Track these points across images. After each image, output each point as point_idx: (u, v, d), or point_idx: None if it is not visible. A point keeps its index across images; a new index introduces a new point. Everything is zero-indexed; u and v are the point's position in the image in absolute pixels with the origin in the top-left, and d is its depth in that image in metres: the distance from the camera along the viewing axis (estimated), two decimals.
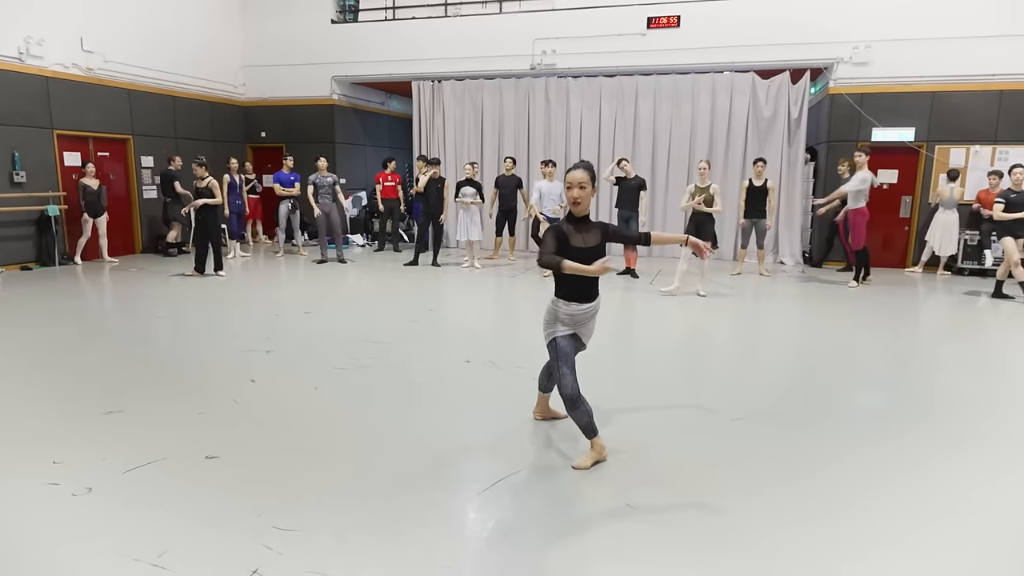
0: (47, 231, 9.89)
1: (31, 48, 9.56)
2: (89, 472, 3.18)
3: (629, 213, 9.61)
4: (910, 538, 2.69)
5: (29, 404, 4.19)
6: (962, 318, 7.37)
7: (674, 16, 11.20)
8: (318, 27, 13.07)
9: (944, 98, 10.24)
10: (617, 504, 2.94)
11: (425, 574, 2.42)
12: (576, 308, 3.27)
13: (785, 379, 5.00)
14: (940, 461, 3.46)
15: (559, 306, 3.30)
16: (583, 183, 3.16)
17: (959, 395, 4.54)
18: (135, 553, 2.51)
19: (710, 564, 2.49)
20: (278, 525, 2.71)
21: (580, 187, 3.17)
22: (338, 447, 3.57)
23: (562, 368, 3.25)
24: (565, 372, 3.24)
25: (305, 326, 6.42)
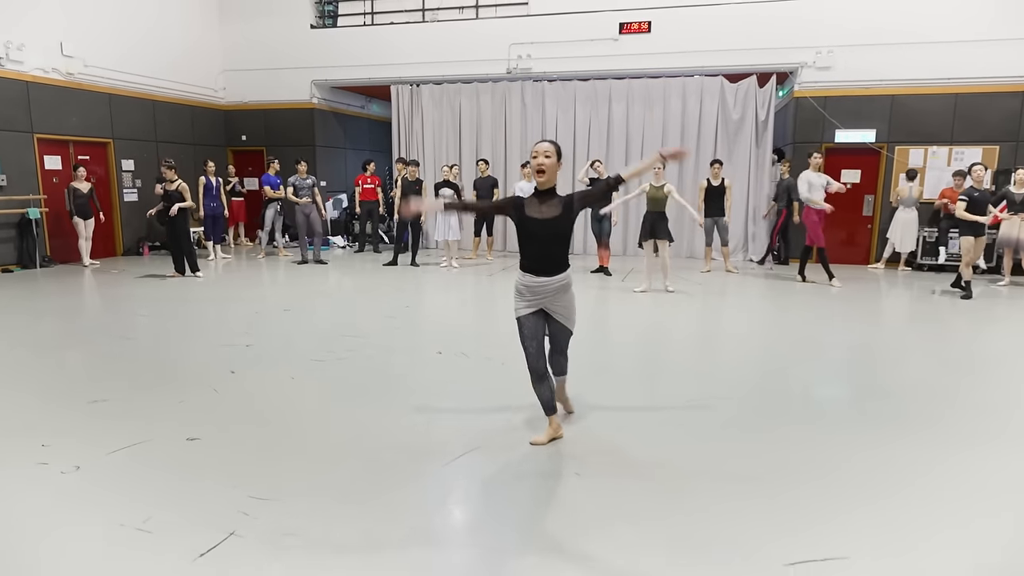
0: (28, 234, 10.00)
1: (11, 53, 9.67)
2: (76, 453, 3.39)
3: (603, 213, 9.90)
4: (842, 518, 2.98)
5: (16, 396, 4.37)
6: (921, 310, 7.74)
7: (645, 22, 11.54)
8: (297, 32, 13.26)
9: (903, 101, 10.67)
10: (566, 473, 3.21)
11: (393, 531, 2.66)
12: (532, 280, 3.33)
13: (744, 369, 5.30)
14: (901, 448, 3.76)
15: (518, 277, 3.40)
16: (548, 153, 3.28)
17: (917, 383, 4.86)
18: (121, 519, 2.73)
19: (653, 525, 2.76)
20: (254, 495, 2.94)
21: (545, 156, 3.27)
22: (312, 429, 3.80)
23: (525, 345, 3.43)
24: (528, 350, 3.42)
25: (284, 322, 6.63)
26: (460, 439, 3.59)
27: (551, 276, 3.33)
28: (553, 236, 3.31)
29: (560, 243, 3.36)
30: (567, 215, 3.29)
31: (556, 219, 3.28)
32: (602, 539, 2.61)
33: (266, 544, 2.57)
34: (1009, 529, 2.75)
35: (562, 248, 3.38)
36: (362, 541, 2.60)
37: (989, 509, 2.88)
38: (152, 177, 11.22)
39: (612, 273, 9.87)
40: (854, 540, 2.61)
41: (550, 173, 3.29)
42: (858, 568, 2.43)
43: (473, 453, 3.43)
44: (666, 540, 2.61)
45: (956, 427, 3.87)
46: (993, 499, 2.97)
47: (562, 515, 2.81)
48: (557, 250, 3.34)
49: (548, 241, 3.32)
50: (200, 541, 2.56)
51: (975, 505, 2.91)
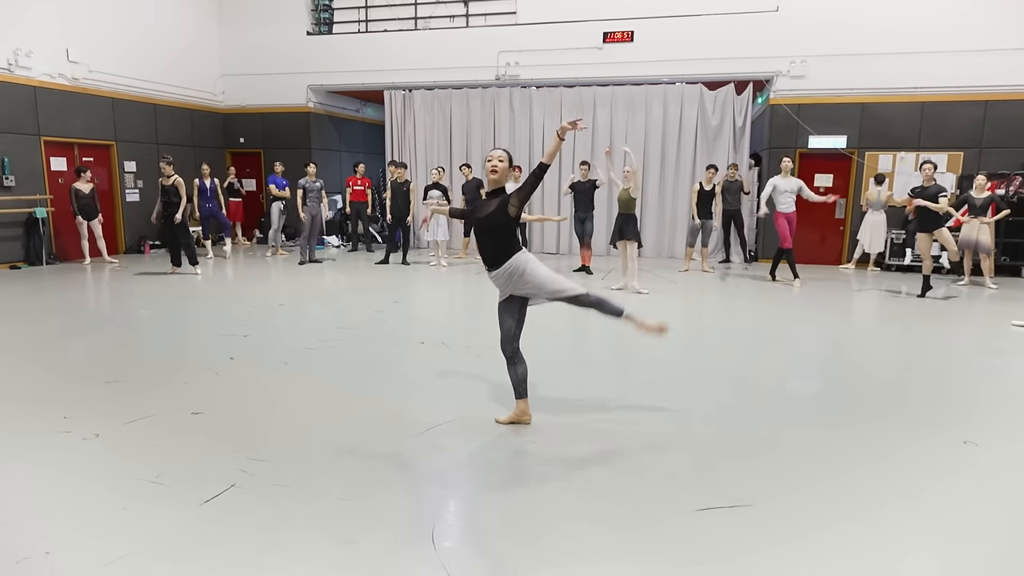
0: (35, 232, 10.45)
1: (20, 59, 10.13)
2: (95, 424, 3.85)
3: (585, 214, 10.35)
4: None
5: (36, 377, 4.84)
6: (889, 308, 8.25)
7: (628, 31, 12.04)
8: (294, 38, 13.74)
9: (872, 109, 11.18)
10: (520, 445, 3.69)
11: (365, 480, 3.14)
12: (488, 273, 3.75)
13: (695, 360, 5.79)
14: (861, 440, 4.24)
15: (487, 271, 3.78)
16: (501, 158, 3.67)
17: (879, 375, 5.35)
18: (138, 475, 3.20)
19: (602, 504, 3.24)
20: (252, 456, 3.42)
21: (499, 160, 3.66)
22: (302, 404, 4.27)
23: (500, 327, 3.83)
24: (501, 334, 3.83)
25: (280, 316, 7.10)
26: (433, 414, 4.06)
27: (496, 268, 3.68)
28: (490, 230, 3.64)
29: (497, 237, 3.65)
30: (501, 210, 3.60)
31: (491, 215, 3.63)
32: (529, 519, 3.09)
33: (261, 494, 3.04)
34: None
35: (502, 241, 3.64)
36: (340, 490, 3.08)
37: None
38: (153, 178, 11.67)
39: (593, 272, 10.34)
40: (759, 489, 3.09)
41: (501, 175, 3.68)
42: (758, 513, 2.91)
43: (442, 426, 3.90)
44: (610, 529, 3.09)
45: (900, 419, 4.35)
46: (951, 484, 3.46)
47: (509, 484, 3.29)
48: (496, 244, 3.65)
49: (487, 236, 3.67)
50: (206, 491, 3.03)
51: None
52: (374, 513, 2.89)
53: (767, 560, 2.54)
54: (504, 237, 3.66)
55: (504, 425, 3.91)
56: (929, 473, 3.34)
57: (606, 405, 4.34)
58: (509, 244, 3.66)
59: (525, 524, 2.81)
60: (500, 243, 3.65)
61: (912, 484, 3.20)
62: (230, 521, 2.80)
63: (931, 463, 3.46)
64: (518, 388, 3.88)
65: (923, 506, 2.99)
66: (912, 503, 3.01)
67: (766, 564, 2.52)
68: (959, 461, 3.48)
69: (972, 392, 4.73)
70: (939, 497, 3.07)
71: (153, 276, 9.65)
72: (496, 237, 3.66)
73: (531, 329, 4.14)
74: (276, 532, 2.71)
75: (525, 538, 2.69)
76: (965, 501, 3.04)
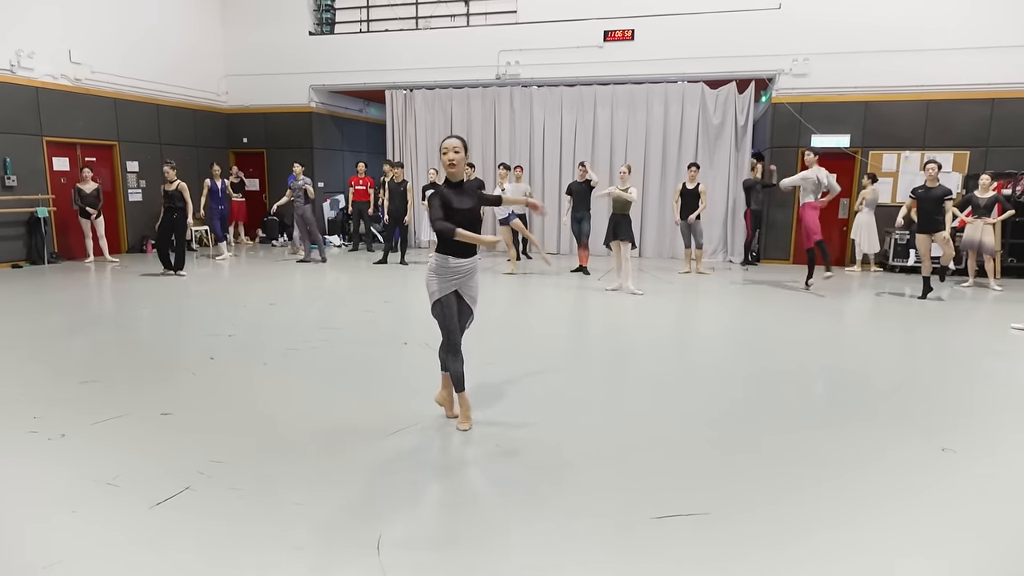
0: (36, 232, 10.56)
1: (22, 60, 10.24)
2: (63, 424, 3.85)
3: (582, 213, 10.27)
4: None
5: (17, 375, 4.86)
6: (888, 310, 8.11)
7: (629, 30, 11.95)
8: (296, 38, 13.78)
9: (876, 107, 11.00)
10: (484, 447, 3.65)
11: (323, 484, 3.10)
12: (455, 262, 3.64)
13: (682, 363, 5.71)
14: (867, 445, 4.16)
15: (448, 262, 3.64)
16: (457, 148, 3.59)
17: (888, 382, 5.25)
18: (95, 476, 3.19)
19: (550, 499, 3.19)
20: (212, 458, 3.40)
21: (455, 151, 3.58)
22: (275, 406, 4.25)
23: (447, 323, 3.75)
24: (450, 327, 3.75)
25: (268, 315, 7.10)
26: (406, 415, 4.02)
27: (468, 258, 3.69)
28: (471, 222, 3.64)
29: (475, 228, 3.67)
30: (478, 205, 3.72)
31: (473, 208, 3.68)
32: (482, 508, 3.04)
33: (214, 497, 3.02)
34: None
35: (475, 232, 3.65)
36: (295, 494, 3.04)
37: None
38: (156, 178, 11.75)
39: (590, 272, 10.27)
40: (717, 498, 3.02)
41: (459, 166, 3.64)
42: (717, 521, 2.84)
43: (412, 427, 3.86)
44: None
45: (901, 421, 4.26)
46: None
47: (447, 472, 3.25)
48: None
49: (468, 227, 3.60)
50: (159, 493, 3.01)
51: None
52: (326, 518, 2.85)
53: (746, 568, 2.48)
54: (478, 229, 3.71)
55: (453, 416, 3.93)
56: (904, 479, 3.25)
57: (587, 405, 4.28)
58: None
59: (477, 531, 2.76)
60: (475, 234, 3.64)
61: (888, 489, 3.11)
62: (177, 526, 2.77)
63: (907, 469, 3.37)
64: (461, 382, 3.85)
65: (892, 513, 2.90)
66: (883, 510, 2.92)
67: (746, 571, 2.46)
68: (935, 469, 3.39)
69: (962, 396, 4.61)
70: (903, 504, 2.99)
71: (152, 276, 9.70)
72: (476, 227, 3.67)
73: (527, 327, 4.09)
74: (224, 537, 2.69)
75: (473, 545, 2.65)
76: (928, 511, 2.95)
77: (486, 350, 5.74)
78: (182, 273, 9.66)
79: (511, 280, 9.70)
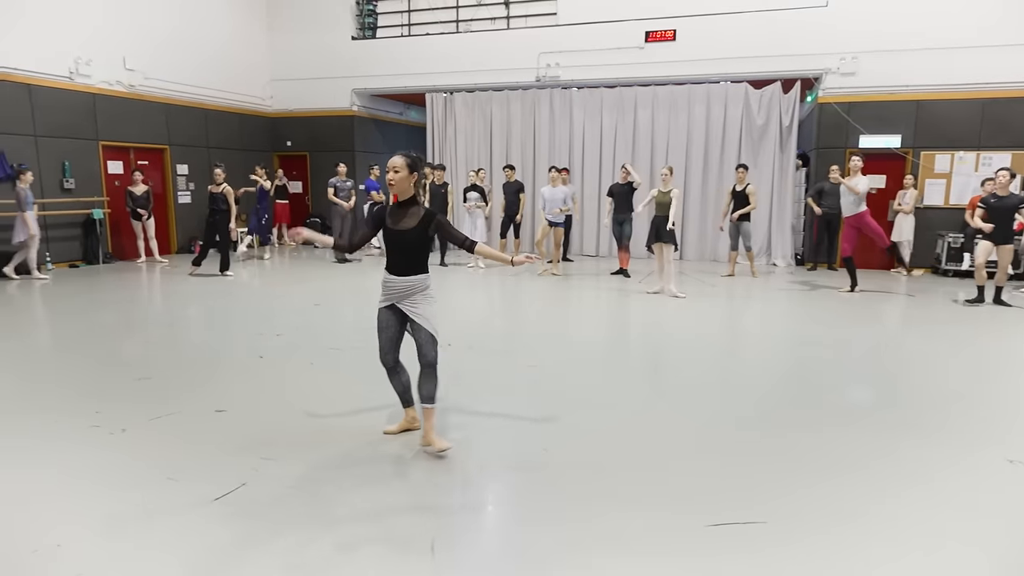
0: (92, 233, 10.94)
1: (80, 68, 10.63)
2: (123, 419, 3.98)
3: (624, 216, 10.18)
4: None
5: (76, 371, 5.04)
6: (932, 315, 7.85)
7: (671, 30, 11.82)
8: (339, 43, 14.00)
9: (928, 106, 10.66)
10: (534, 448, 3.64)
11: (374, 485, 3.14)
12: (387, 277, 3.53)
13: (722, 371, 5.61)
14: (908, 449, 4.06)
15: (385, 276, 3.57)
16: (397, 168, 3.44)
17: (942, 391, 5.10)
18: (156, 470, 3.28)
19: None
20: (265, 456, 3.47)
21: (395, 171, 3.44)
22: (323, 405, 4.31)
23: (378, 338, 3.63)
24: (380, 343, 3.63)
25: (314, 316, 7.23)
26: (448, 420, 4.05)
27: (400, 276, 3.51)
28: (402, 245, 3.49)
29: (408, 252, 3.50)
30: (421, 230, 3.46)
31: (408, 231, 3.47)
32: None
33: (270, 494, 3.08)
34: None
35: (412, 255, 3.52)
36: (349, 493, 3.09)
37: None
38: (204, 181, 12.06)
39: (631, 275, 10.18)
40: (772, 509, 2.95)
41: (398, 186, 3.47)
42: (772, 532, 2.78)
43: (454, 432, 3.88)
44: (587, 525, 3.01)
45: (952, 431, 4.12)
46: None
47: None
48: (406, 257, 3.51)
49: (398, 249, 3.51)
50: (217, 488, 3.09)
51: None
52: (380, 518, 2.88)
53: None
54: (416, 252, 3.53)
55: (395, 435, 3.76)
56: (967, 492, 3.13)
57: (615, 407, 4.24)
58: (420, 258, 3.56)
59: (529, 535, 2.76)
60: (412, 256, 3.52)
61: (948, 502, 3.00)
62: (236, 521, 2.83)
63: (972, 481, 3.25)
64: (404, 398, 3.78)
65: (949, 522, 2.80)
66: (937, 520, 2.82)
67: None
68: (1002, 480, 3.26)
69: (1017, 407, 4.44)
70: (965, 520, 2.88)
71: (199, 276, 9.96)
72: (409, 251, 3.51)
73: (570, 330, 4.07)
74: (281, 534, 2.73)
75: (526, 550, 2.64)
76: (995, 527, 2.83)
77: (529, 352, 5.75)
78: (228, 274, 9.88)
79: (551, 282, 9.68)
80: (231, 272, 9.95)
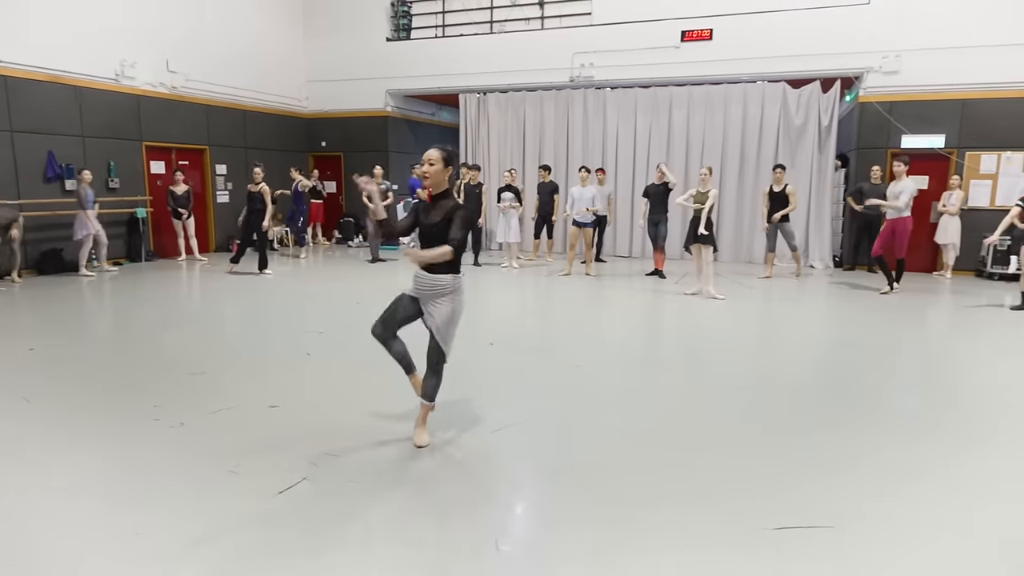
0: (135, 231, 11.20)
1: (126, 70, 10.89)
2: (180, 413, 4.07)
3: (659, 216, 10.11)
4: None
5: (130, 365, 5.17)
6: (979, 319, 7.68)
7: (707, 29, 11.71)
8: (374, 45, 14.14)
9: (974, 105, 10.42)
10: (586, 447, 3.64)
11: (433, 480, 3.17)
12: (418, 272, 3.52)
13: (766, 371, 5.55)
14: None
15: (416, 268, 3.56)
16: (432, 160, 3.43)
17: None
18: (217, 463, 3.35)
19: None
20: (324, 451, 3.52)
21: (429, 163, 3.44)
22: (372, 402, 4.35)
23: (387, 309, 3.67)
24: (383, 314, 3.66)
25: (355, 314, 7.30)
26: (498, 417, 4.06)
27: (428, 272, 3.49)
28: (430, 240, 3.45)
29: (430, 244, 3.45)
30: (445, 224, 3.41)
31: (436, 224, 3.44)
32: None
33: (331, 488, 3.12)
34: None
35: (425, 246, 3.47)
36: (409, 488, 3.12)
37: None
38: (242, 181, 12.29)
39: (666, 276, 10.11)
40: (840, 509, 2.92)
41: (433, 179, 3.46)
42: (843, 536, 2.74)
43: (508, 429, 3.89)
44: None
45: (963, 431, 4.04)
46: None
47: None
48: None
49: (427, 243, 3.47)
50: (278, 483, 3.14)
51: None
52: (442, 513, 2.91)
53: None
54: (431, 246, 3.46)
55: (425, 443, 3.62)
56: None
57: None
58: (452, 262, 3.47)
59: (590, 533, 2.76)
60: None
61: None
62: (301, 514, 2.88)
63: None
64: (402, 363, 3.76)
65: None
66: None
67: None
68: None
69: None
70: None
71: (238, 275, 10.13)
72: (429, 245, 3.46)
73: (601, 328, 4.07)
74: (346, 528, 2.78)
75: (591, 551, 2.65)
76: None
77: (565, 352, 5.75)
78: (267, 272, 10.03)
79: (586, 283, 9.66)
80: (270, 271, 10.09)
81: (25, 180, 9.63)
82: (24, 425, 3.92)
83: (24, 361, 5.27)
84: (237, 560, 2.53)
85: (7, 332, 6.40)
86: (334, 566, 2.50)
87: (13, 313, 7.32)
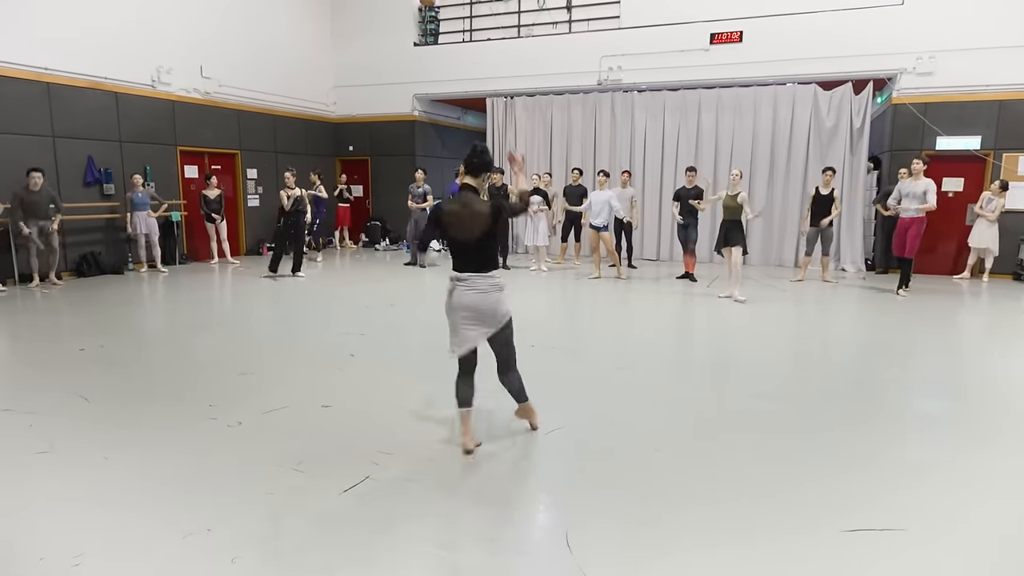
0: (170, 234, 11.37)
1: (161, 76, 11.08)
2: (236, 413, 4.13)
3: (689, 220, 10.07)
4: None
5: (179, 367, 5.25)
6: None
7: (737, 32, 11.66)
8: (401, 49, 14.25)
9: (1011, 106, 10.26)
10: (644, 448, 3.63)
11: (491, 476, 3.19)
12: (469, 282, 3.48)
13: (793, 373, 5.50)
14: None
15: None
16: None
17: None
18: (279, 462, 3.40)
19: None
20: (381, 450, 3.55)
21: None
22: (418, 402, 4.38)
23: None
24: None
25: (391, 316, 7.37)
26: (551, 419, 4.08)
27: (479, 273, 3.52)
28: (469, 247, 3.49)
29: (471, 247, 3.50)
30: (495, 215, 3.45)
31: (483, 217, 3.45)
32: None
33: (394, 487, 3.15)
34: None
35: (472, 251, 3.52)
36: (471, 484, 3.14)
37: None
38: (272, 185, 12.44)
39: (697, 279, 10.06)
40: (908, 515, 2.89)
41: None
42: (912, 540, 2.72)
43: (560, 431, 3.90)
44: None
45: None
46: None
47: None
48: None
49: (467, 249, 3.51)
50: (343, 481, 3.18)
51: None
52: (509, 510, 2.93)
53: None
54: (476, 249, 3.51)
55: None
56: None
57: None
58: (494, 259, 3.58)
59: (660, 536, 2.76)
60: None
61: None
62: (369, 511, 2.91)
63: None
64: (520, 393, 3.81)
65: None
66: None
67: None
68: None
69: None
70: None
71: (270, 278, 10.25)
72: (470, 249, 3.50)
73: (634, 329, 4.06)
74: (413, 526, 2.80)
75: (664, 553, 2.65)
76: None
77: (600, 353, 5.75)
78: (300, 275, 10.12)
79: (617, 286, 9.64)
80: (303, 273, 10.19)
81: (66, 184, 9.82)
82: (86, 423, 4.00)
83: (76, 361, 5.38)
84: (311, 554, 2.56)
85: (55, 333, 6.54)
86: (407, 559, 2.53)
87: (57, 315, 7.47)
